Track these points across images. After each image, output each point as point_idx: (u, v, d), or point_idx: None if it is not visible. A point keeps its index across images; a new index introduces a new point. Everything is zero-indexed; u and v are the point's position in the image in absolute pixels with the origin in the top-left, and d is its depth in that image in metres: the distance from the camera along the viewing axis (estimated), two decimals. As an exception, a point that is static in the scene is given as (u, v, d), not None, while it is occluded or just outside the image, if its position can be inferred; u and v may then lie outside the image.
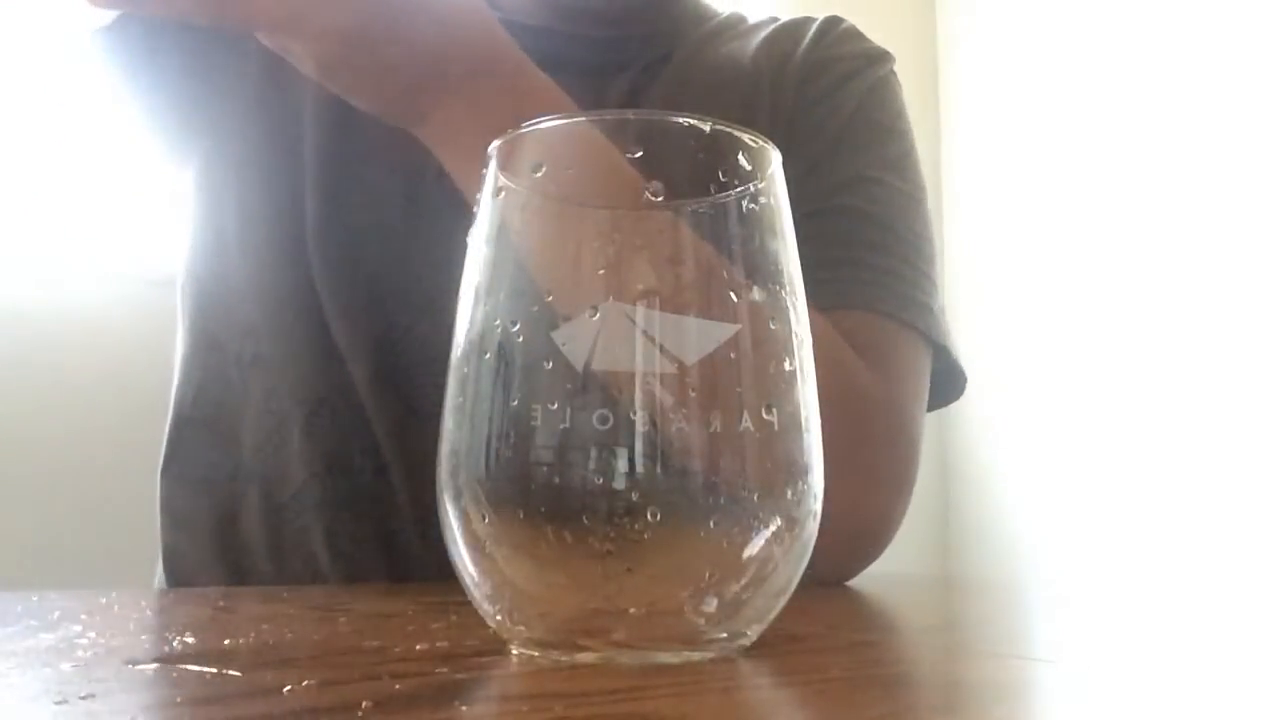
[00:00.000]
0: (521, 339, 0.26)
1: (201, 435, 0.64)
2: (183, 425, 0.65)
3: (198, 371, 0.65)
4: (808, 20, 0.72)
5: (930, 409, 0.64)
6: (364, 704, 0.19)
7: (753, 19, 0.76)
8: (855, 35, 0.72)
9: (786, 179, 0.29)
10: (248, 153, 0.63)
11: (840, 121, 0.66)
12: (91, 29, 0.60)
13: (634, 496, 0.24)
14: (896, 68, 0.71)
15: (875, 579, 0.59)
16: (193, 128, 0.65)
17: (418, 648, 0.27)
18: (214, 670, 0.23)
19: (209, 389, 0.64)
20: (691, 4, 0.74)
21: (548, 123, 0.28)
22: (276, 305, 0.62)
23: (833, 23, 0.72)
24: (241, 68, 0.63)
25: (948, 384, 0.65)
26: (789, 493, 0.26)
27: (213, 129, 0.65)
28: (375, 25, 0.44)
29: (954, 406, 0.68)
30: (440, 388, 0.28)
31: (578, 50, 0.66)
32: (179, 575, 0.64)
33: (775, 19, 0.74)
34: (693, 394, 0.25)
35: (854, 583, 0.58)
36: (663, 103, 0.64)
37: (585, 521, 0.24)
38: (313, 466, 0.60)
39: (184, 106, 0.65)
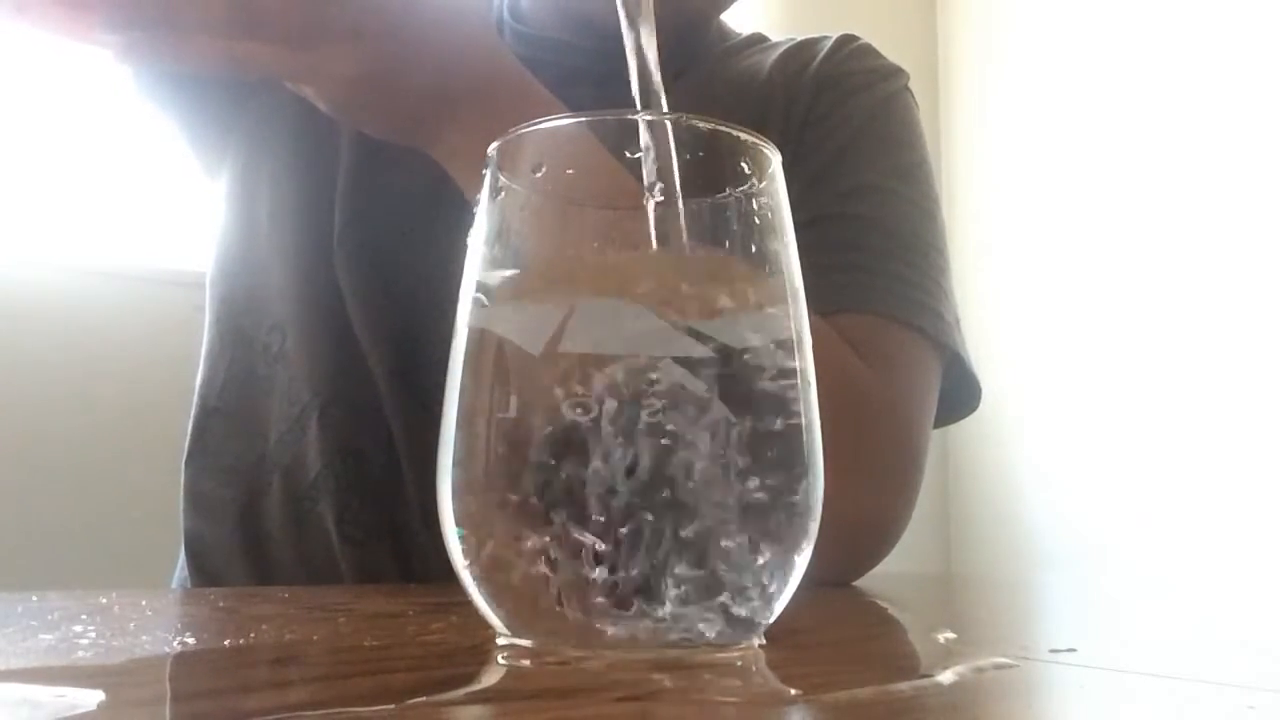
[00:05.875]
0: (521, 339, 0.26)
1: (227, 426, 0.66)
2: (209, 416, 0.66)
3: (225, 364, 0.66)
4: (824, 38, 0.73)
5: (945, 422, 0.64)
6: (364, 704, 0.19)
7: (774, 39, 0.77)
8: (870, 52, 0.73)
9: (795, 187, 0.29)
10: (283, 157, 0.65)
11: (850, 131, 0.67)
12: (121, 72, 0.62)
13: (634, 497, 0.24)
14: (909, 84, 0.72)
15: (876, 577, 0.59)
16: (231, 133, 0.67)
17: (417, 648, 0.27)
18: (213, 670, 0.23)
19: (236, 381, 0.66)
20: (714, 22, 0.75)
21: (547, 123, 0.28)
22: (301, 302, 0.64)
23: (847, 39, 0.73)
24: None
25: (963, 395, 0.65)
26: (789, 493, 0.26)
27: (250, 134, 0.67)
28: (379, 70, 0.46)
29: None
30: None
31: (598, 63, 0.67)
32: (202, 564, 0.65)
33: (793, 38, 0.75)
34: (692, 394, 0.25)
35: (856, 581, 0.58)
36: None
37: (584, 522, 0.24)
38: (327, 456, 0.62)
39: (224, 111, 0.67)
